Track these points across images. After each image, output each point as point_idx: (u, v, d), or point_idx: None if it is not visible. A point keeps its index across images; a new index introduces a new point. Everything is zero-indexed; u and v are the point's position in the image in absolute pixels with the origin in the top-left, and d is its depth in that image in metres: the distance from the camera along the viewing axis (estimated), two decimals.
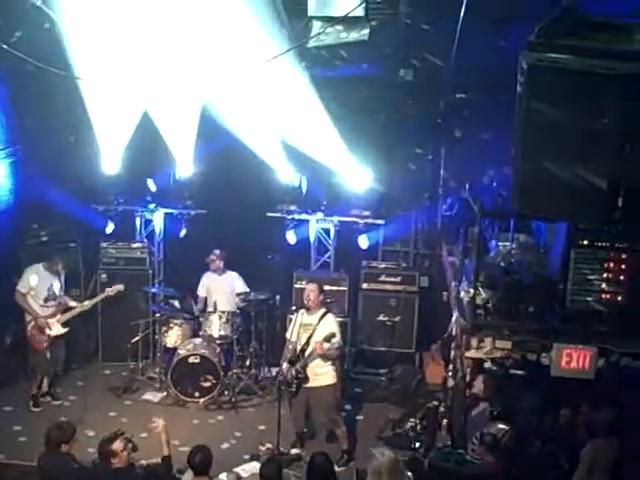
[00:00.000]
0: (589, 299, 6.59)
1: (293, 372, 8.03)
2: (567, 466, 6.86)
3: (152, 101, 9.11)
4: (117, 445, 6.20)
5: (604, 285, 6.55)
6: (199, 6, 6.51)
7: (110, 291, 9.83)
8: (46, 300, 9.27)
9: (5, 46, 5.63)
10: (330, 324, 8.09)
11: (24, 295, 9.20)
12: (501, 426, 7.18)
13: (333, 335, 7.90)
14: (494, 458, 6.54)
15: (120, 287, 9.90)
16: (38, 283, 9.22)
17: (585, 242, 6.52)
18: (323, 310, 8.19)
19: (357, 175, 10.07)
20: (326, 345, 7.85)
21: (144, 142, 9.87)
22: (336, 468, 7.36)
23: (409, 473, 6.25)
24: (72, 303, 9.56)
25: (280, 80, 8.02)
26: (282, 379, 8.16)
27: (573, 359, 6.38)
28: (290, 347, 8.25)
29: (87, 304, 9.67)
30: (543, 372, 6.71)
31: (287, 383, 8.10)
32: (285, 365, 8.14)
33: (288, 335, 8.40)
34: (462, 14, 6.39)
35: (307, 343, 8.03)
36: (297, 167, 10.21)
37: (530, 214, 6.52)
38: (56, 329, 9.28)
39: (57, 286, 9.35)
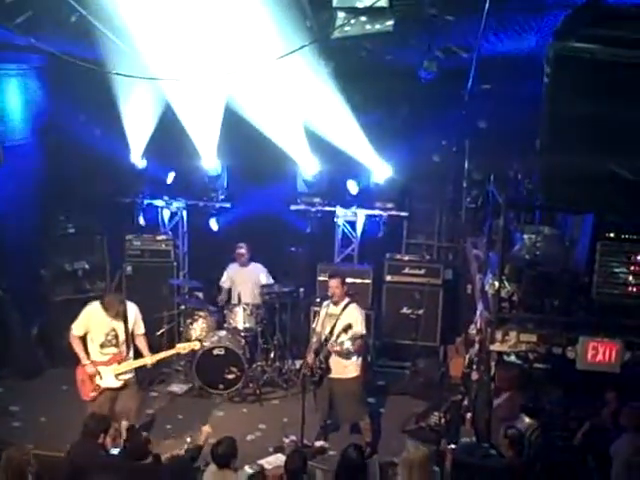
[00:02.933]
0: (615, 292, 6.55)
1: (317, 362, 8.08)
2: (593, 464, 6.79)
3: (178, 95, 9.14)
4: (147, 434, 6.29)
5: (630, 278, 6.50)
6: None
7: (182, 348, 8.31)
8: (102, 346, 7.70)
9: (33, 40, 5.68)
10: (352, 314, 8.12)
11: (78, 338, 7.71)
12: (528, 420, 7.14)
13: (350, 326, 7.92)
14: (516, 452, 6.49)
15: (195, 345, 8.44)
16: (95, 326, 7.71)
17: (611, 234, 6.46)
18: (346, 300, 8.21)
19: (381, 167, 10.06)
20: (343, 337, 7.91)
21: (171, 136, 9.93)
22: None
23: (436, 468, 6.26)
24: (145, 352, 7.98)
25: (303, 72, 8.00)
26: (307, 369, 8.19)
27: (599, 352, 6.34)
28: (315, 338, 8.30)
29: (153, 360, 8.00)
30: (568, 366, 6.67)
31: (310, 373, 8.15)
32: (311, 355, 8.19)
33: (314, 326, 8.48)
34: (487, 5, 6.33)
35: (330, 333, 8.06)
36: (320, 160, 10.21)
37: (556, 206, 6.48)
38: (108, 380, 7.70)
39: (120, 331, 7.74)
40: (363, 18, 6.30)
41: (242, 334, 9.82)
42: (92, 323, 7.69)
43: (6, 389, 9.48)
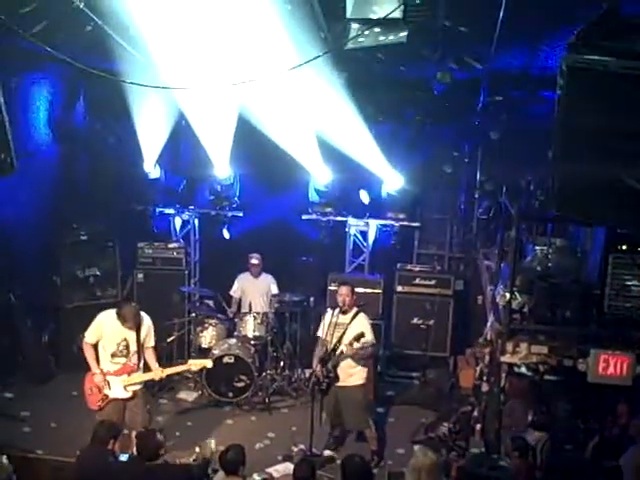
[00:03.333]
0: (627, 305, 6.53)
1: (324, 371, 8.07)
2: (603, 477, 6.76)
3: (191, 104, 9.20)
4: (161, 437, 6.30)
5: None
6: (237, 9, 6.56)
7: (194, 364, 8.19)
8: (113, 356, 7.58)
9: (49, 48, 5.73)
10: (361, 323, 8.11)
11: (90, 346, 7.58)
12: (537, 433, 7.11)
13: (362, 335, 7.91)
14: (523, 463, 6.46)
15: (208, 362, 8.32)
16: (107, 335, 7.59)
17: (623, 247, 6.46)
18: (355, 310, 8.22)
19: (392, 177, 10.07)
20: (356, 345, 7.86)
21: (183, 144, 9.99)
22: None
23: (444, 478, 6.24)
24: (154, 365, 7.76)
25: (316, 82, 8.04)
26: (314, 377, 8.20)
27: (610, 365, 6.32)
28: (322, 346, 8.31)
29: (164, 373, 7.85)
30: (578, 378, 6.65)
31: (317, 381, 8.14)
32: (317, 363, 8.18)
33: (320, 333, 8.48)
34: (501, 17, 6.35)
35: (339, 342, 8.05)
36: (333, 169, 10.23)
37: (568, 218, 6.47)
38: (117, 391, 7.57)
39: (132, 341, 7.60)
40: (377, 29, 6.33)
41: (252, 342, 9.83)
42: (105, 331, 7.57)
43: (17, 395, 9.50)
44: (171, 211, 11.13)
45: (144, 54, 7.25)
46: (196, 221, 11.20)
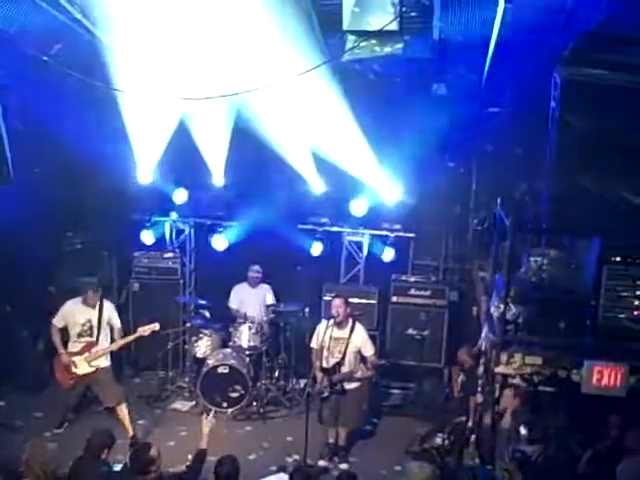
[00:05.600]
0: (621, 316, 6.54)
1: (326, 382, 8.22)
2: None
3: (187, 113, 9.22)
4: (154, 452, 6.28)
5: (636, 302, 6.50)
6: (235, 20, 6.59)
7: (143, 331, 8.87)
8: (79, 336, 8.71)
9: (46, 58, 5.76)
10: (361, 336, 8.30)
11: (57, 329, 8.76)
12: (532, 447, 7.10)
13: (362, 350, 8.26)
14: (523, 476, 6.46)
15: (155, 326, 8.99)
16: (73, 317, 8.72)
17: (617, 258, 6.48)
18: (351, 322, 8.28)
19: (388, 188, 10.09)
20: (369, 369, 8.23)
21: (178, 153, 9.98)
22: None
23: None
24: (105, 343, 8.76)
25: (313, 92, 8.08)
26: (317, 388, 8.34)
27: (604, 376, 6.33)
28: (317, 358, 8.42)
29: (118, 344, 8.85)
30: (572, 389, 6.65)
31: (319, 391, 8.28)
32: (319, 373, 8.34)
33: (313, 344, 8.57)
34: (497, 28, 6.40)
35: (343, 357, 8.20)
36: (328, 179, 10.24)
37: (563, 229, 6.49)
38: (83, 367, 8.66)
39: (95, 322, 8.70)
40: (373, 41, 6.37)
41: (247, 352, 9.82)
42: (71, 314, 8.67)
43: (11, 403, 9.49)
44: (166, 220, 11.13)
45: (141, 62, 7.28)
46: (191, 230, 11.20)
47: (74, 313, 8.72)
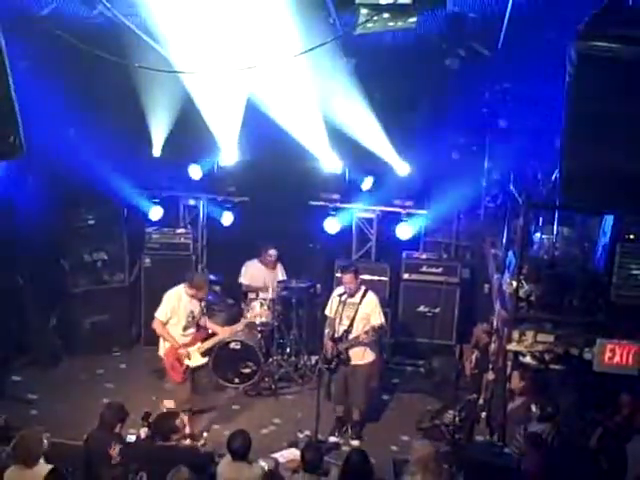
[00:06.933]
0: (634, 294, 6.50)
1: (335, 350, 8.21)
2: (606, 466, 6.74)
3: (199, 88, 9.17)
4: (179, 422, 6.34)
5: None
6: None
7: (252, 317, 9.38)
8: (185, 328, 8.12)
9: (59, 32, 5.73)
10: (371, 303, 8.29)
11: (164, 323, 8.06)
12: (543, 425, 7.10)
13: (381, 326, 8.29)
14: (538, 455, 6.44)
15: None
16: (179, 310, 8.09)
17: (631, 236, 6.43)
18: (363, 289, 8.35)
19: (400, 165, 10.04)
20: (372, 334, 8.08)
21: (190, 129, 9.95)
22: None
23: (445, 466, 6.25)
24: (216, 328, 8.57)
25: (325, 68, 8.02)
26: (324, 354, 8.36)
27: (617, 354, 6.31)
28: (330, 325, 8.44)
29: (228, 334, 8.81)
30: (583, 367, 6.63)
31: (327, 360, 8.25)
32: (329, 342, 8.32)
33: (327, 312, 8.59)
34: (510, 3, 6.32)
35: (351, 324, 8.19)
36: (340, 156, 10.20)
37: (576, 206, 6.44)
38: (195, 359, 8.16)
39: (198, 312, 8.22)
40: (386, 15, 6.30)
41: (259, 328, 9.84)
42: (177, 307, 8.05)
43: (24, 378, 9.56)
44: (178, 196, 11.13)
45: (153, 38, 7.24)
46: (203, 206, 11.20)
47: (181, 305, 8.11)
